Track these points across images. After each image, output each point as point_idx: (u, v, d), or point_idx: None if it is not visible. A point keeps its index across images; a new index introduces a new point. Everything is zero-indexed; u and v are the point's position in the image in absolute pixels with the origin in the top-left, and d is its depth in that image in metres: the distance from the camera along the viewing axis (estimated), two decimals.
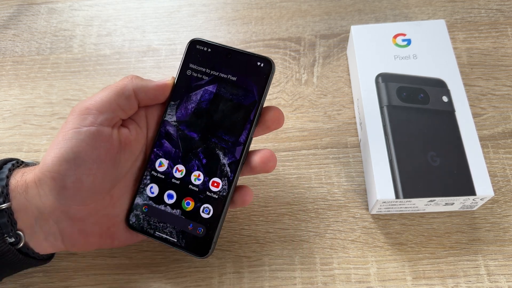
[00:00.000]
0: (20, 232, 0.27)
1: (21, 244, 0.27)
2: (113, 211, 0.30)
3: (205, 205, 0.29)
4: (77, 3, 0.49)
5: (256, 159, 0.29)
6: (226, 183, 0.29)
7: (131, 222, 0.30)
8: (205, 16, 0.47)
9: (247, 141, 0.29)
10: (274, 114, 0.30)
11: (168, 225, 0.30)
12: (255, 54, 0.30)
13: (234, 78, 0.30)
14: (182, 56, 0.31)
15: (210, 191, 0.29)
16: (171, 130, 0.31)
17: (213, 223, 0.29)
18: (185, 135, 0.30)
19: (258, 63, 0.29)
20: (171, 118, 0.31)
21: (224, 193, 0.29)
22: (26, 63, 0.45)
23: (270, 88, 0.41)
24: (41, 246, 0.28)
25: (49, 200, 0.27)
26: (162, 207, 0.30)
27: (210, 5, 0.48)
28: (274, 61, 0.43)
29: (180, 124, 0.30)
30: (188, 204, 0.30)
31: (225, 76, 0.30)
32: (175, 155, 0.30)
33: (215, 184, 0.29)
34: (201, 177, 0.30)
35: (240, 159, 0.29)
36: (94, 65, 0.44)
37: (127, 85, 0.29)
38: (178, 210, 0.30)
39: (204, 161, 0.30)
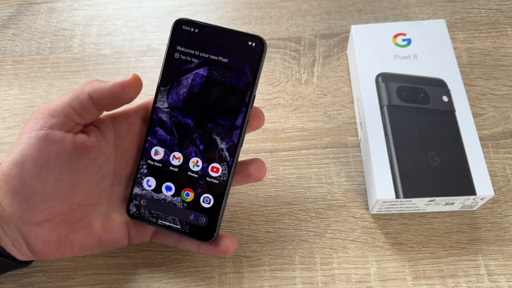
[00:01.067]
0: None
1: None
2: (72, 217, 0.29)
3: (205, 195, 0.29)
4: (77, 2, 0.49)
5: (251, 167, 0.30)
6: (226, 168, 0.29)
7: (131, 212, 0.30)
8: (205, 16, 0.47)
9: (243, 124, 0.29)
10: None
11: (170, 215, 0.30)
12: (245, 32, 0.28)
13: (225, 60, 0.29)
14: (168, 38, 0.30)
15: (210, 176, 0.29)
16: (164, 117, 0.30)
17: (215, 210, 0.29)
18: (179, 121, 0.29)
19: (250, 43, 0.28)
20: (162, 104, 0.30)
21: (225, 178, 0.29)
22: (26, 63, 0.45)
23: (270, 88, 0.41)
24: (12, 252, 0.28)
25: (6, 204, 0.27)
26: (161, 199, 0.30)
27: (210, 4, 0.48)
28: (274, 61, 0.43)
29: (172, 110, 0.30)
30: (187, 195, 0.29)
31: (216, 57, 0.29)
32: (170, 142, 0.30)
33: (215, 170, 0.29)
34: (200, 163, 0.29)
35: (238, 142, 0.29)
36: (94, 64, 0.44)
37: (83, 88, 0.28)
38: (179, 198, 0.29)
39: (202, 147, 0.29)
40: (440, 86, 0.36)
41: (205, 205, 0.29)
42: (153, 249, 0.34)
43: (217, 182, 0.29)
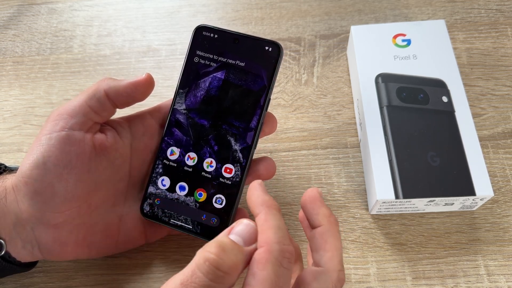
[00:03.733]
0: (1, 240, 0.27)
1: (3, 252, 0.27)
2: (90, 220, 0.29)
3: (218, 196, 0.29)
4: (77, 3, 0.49)
5: (261, 167, 0.30)
6: (239, 169, 0.29)
7: (145, 211, 0.30)
8: (205, 17, 0.47)
9: (258, 127, 0.29)
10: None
11: (182, 214, 0.30)
12: (262, 38, 0.29)
13: (243, 64, 0.30)
14: (188, 43, 0.31)
15: (223, 177, 0.29)
16: (181, 118, 0.31)
17: (227, 211, 0.29)
18: (195, 122, 0.30)
19: (266, 48, 0.29)
20: (180, 106, 0.31)
21: (238, 179, 0.29)
22: (27, 64, 0.45)
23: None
24: (19, 255, 0.28)
25: (25, 206, 0.27)
26: (174, 198, 0.30)
27: (210, 5, 0.48)
28: None
29: (189, 111, 0.30)
30: (200, 195, 0.30)
31: (233, 62, 0.30)
32: (186, 143, 0.30)
33: (228, 170, 0.29)
34: (214, 164, 0.30)
35: (252, 144, 0.29)
36: (94, 65, 0.44)
37: (98, 86, 0.29)
38: (192, 198, 0.30)
39: (216, 148, 0.30)
40: (439, 86, 0.36)
41: (217, 206, 0.29)
42: (154, 249, 0.34)
43: (229, 183, 0.29)
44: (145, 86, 0.30)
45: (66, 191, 0.27)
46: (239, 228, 0.23)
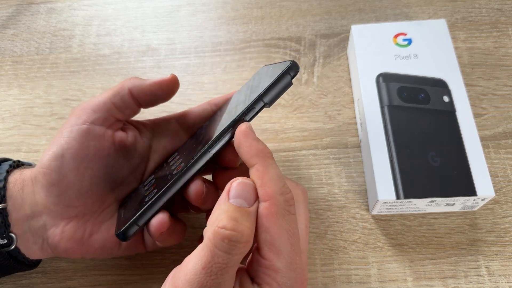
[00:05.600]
0: (13, 235, 0.27)
1: (13, 247, 0.27)
2: (99, 217, 0.29)
3: (154, 192, 0.26)
4: (76, 2, 0.49)
5: (191, 188, 0.26)
6: (181, 171, 0.26)
7: (124, 200, 0.30)
8: (204, 16, 0.47)
9: (216, 143, 0.26)
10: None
11: (130, 204, 0.28)
12: (286, 61, 0.27)
13: (256, 84, 0.28)
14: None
15: (172, 175, 0.26)
16: (200, 131, 0.31)
17: (141, 210, 0.26)
18: (202, 135, 0.30)
19: (282, 65, 0.26)
20: (207, 123, 0.31)
21: (172, 181, 0.26)
22: (25, 63, 0.45)
23: None
24: (30, 250, 0.28)
25: (41, 197, 0.27)
26: (139, 190, 0.30)
27: (210, 4, 0.48)
28: (275, 61, 0.43)
29: (207, 125, 0.31)
30: (148, 190, 0.28)
31: (253, 83, 0.29)
32: (186, 150, 0.30)
33: (176, 168, 0.27)
34: (180, 168, 0.27)
35: (201, 156, 0.26)
36: (94, 65, 0.44)
37: (123, 84, 0.29)
38: (146, 193, 0.28)
39: (192, 154, 0.28)
40: (440, 86, 0.36)
41: (146, 202, 0.26)
42: (153, 250, 0.34)
43: (169, 179, 0.26)
44: (170, 86, 0.29)
45: (81, 185, 0.27)
46: (236, 190, 0.22)
